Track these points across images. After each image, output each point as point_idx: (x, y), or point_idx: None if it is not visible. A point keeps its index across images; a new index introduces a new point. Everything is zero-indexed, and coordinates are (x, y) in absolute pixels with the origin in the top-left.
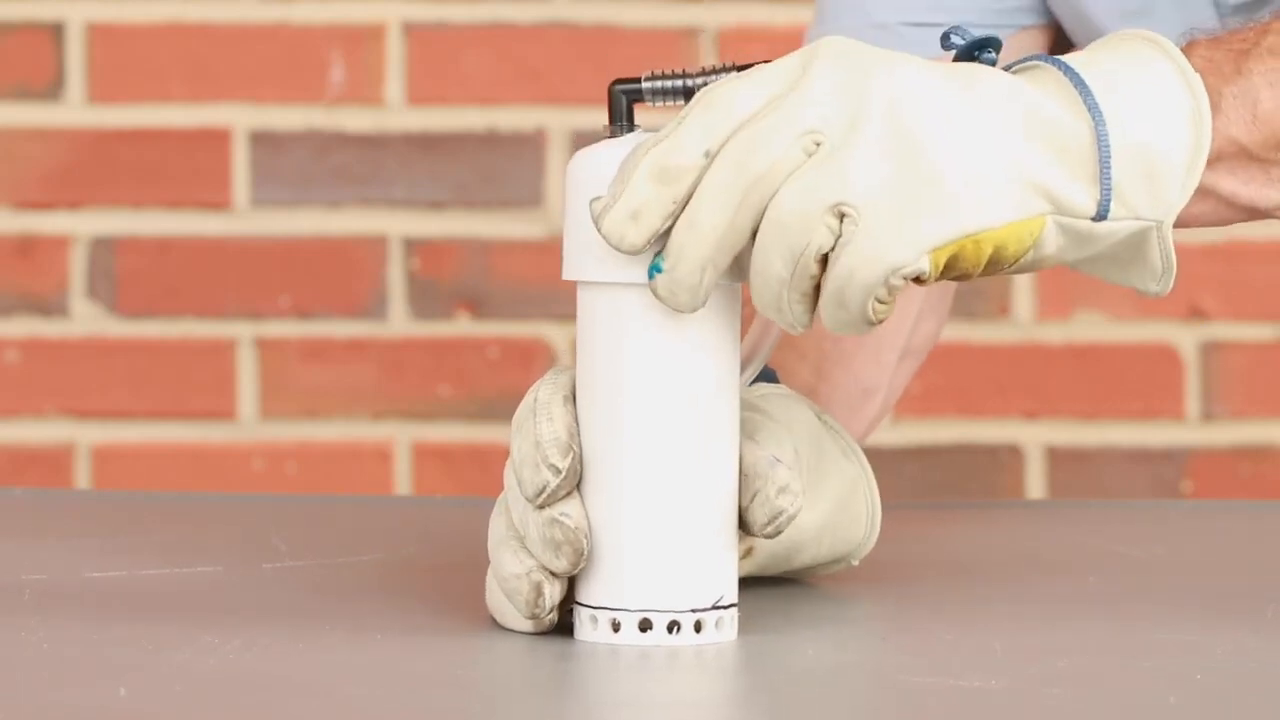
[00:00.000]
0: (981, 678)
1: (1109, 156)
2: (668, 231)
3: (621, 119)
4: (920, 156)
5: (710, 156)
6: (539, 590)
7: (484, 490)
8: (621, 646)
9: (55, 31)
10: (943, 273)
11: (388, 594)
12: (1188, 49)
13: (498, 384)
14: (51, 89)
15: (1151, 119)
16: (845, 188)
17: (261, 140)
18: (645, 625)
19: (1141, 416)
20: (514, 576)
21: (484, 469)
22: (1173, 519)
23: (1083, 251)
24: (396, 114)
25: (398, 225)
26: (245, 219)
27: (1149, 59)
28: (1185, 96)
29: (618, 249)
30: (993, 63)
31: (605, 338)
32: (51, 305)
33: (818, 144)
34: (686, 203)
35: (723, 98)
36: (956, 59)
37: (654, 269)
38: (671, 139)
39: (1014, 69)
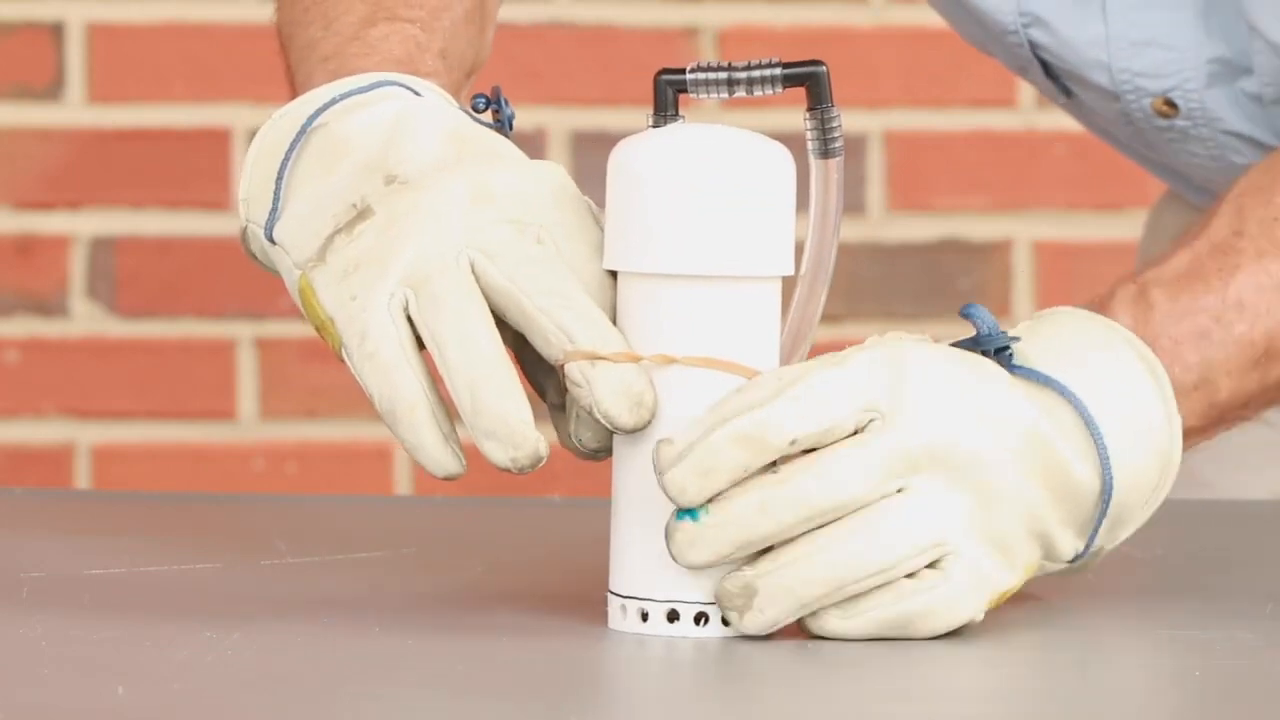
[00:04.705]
0: (979, 673)
1: (1104, 516)
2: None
3: (666, 109)
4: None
5: (796, 446)
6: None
7: (484, 490)
8: (648, 637)
9: (55, 31)
10: None
11: (388, 593)
12: (1146, 317)
13: None
14: (51, 89)
15: (1136, 466)
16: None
17: None
18: (673, 616)
19: None
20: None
21: (484, 469)
22: (1173, 519)
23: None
24: None
25: None
26: None
27: (1135, 380)
28: (1164, 434)
29: (674, 501)
30: (1009, 362)
31: (642, 329)
32: (51, 305)
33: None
34: (759, 472)
35: (816, 393)
36: (969, 347)
37: (687, 514)
38: (761, 413)
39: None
